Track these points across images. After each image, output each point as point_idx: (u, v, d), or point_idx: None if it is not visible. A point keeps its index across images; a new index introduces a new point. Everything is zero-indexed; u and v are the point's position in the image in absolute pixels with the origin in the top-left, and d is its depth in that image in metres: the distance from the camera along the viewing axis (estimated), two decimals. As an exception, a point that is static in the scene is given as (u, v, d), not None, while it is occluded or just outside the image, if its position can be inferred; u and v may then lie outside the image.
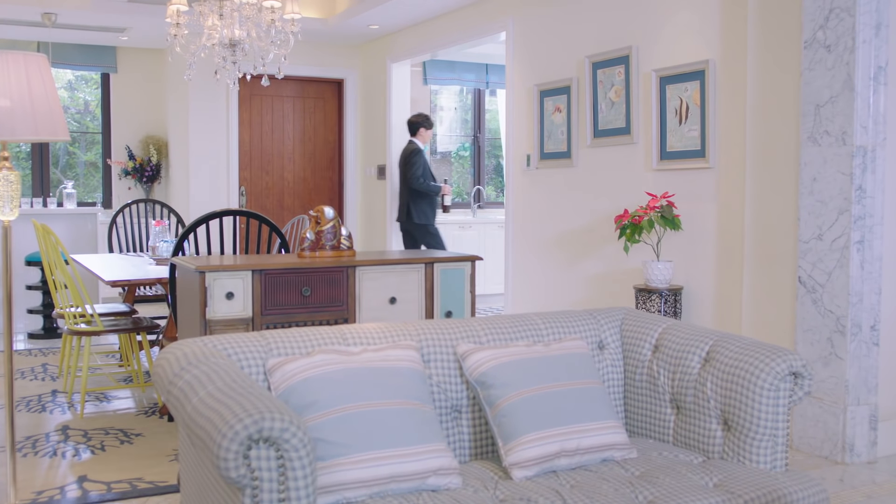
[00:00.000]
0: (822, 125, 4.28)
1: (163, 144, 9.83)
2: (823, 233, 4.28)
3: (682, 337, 2.87)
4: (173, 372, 2.21)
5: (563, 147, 6.51)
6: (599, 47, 6.10)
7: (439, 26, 8.18)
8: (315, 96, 9.79)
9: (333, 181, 9.89)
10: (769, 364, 2.58)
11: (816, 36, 4.28)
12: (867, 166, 4.17)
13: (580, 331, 2.96)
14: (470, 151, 11.05)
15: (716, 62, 5.16)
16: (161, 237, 5.83)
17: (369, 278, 3.45)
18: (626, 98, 5.87)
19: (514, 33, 7.09)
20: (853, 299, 4.20)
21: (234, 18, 5.80)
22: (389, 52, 9.14)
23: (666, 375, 2.85)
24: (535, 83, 6.79)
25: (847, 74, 4.16)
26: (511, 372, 2.62)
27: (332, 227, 3.56)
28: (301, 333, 2.56)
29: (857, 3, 4.11)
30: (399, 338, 2.66)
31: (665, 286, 5.25)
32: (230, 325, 3.20)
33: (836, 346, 4.24)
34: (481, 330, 2.80)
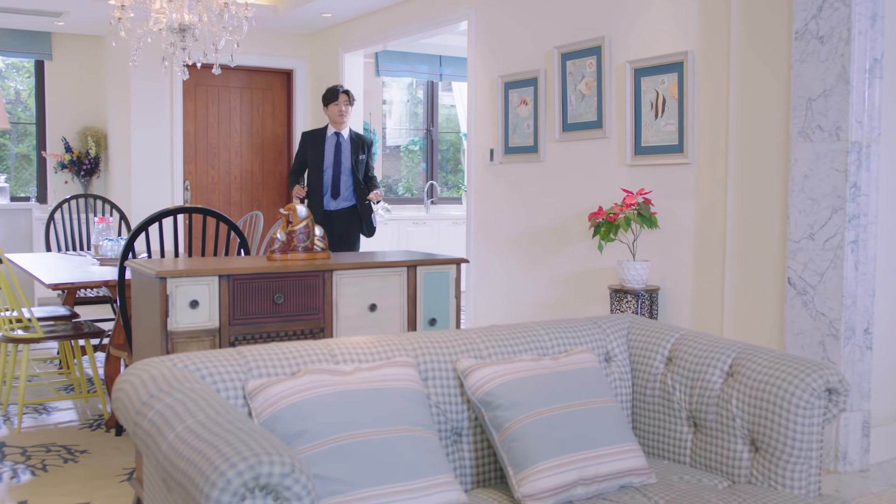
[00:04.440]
0: (814, 120, 4.08)
1: (102, 136, 9.35)
2: (815, 232, 4.09)
3: (699, 348, 2.62)
4: (140, 401, 1.89)
5: (530, 141, 6.25)
6: (569, 37, 5.85)
7: (396, 15, 7.87)
8: (263, 87, 9.40)
9: (282, 175, 9.51)
10: (803, 379, 2.34)
11: (808, 26, 4.08)
12: (862, 163, 3.98)
13: (586, 341, 2.70)
14: (420, 146, 10.76)
15: (695, 53, 4.94)
16: (104, 235, 5.43)
17: (347, 283, 3.14)
18: (597, 90, 5.63)
19: (476, 23, 6.81)
20: (847, 301, 4.01)
21: (183, 2, 5.42)
22: (342, 41, 8.80)
23: (682, 390, 2.60)
24: (500, 75, 6.52)
25: (842, 67, 3.96)
26: (519, 391, 2.34)
27: (305, 226, 3.24)
28: (284, 350, 2.26)
29: (853, -8, 3.91)
30: (394, 353, 2.36)
31: (641, 287, 5.03)
32: (194, 336, 2.86)
33: (829, 351, 4.05)
34: (482, 343, 2.52)
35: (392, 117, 10.74)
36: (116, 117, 9.02)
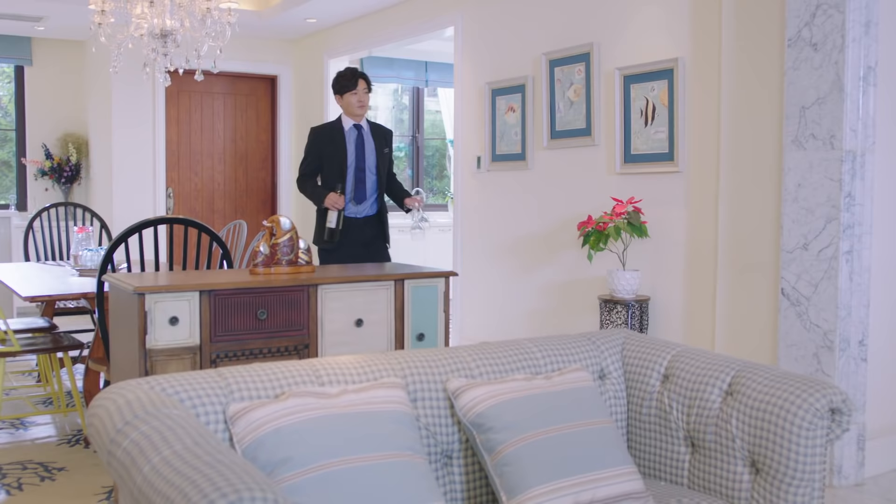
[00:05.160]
0: (807, 128, 4.01)
1: (83, 143, 9.22)
2: (809, 242, 4.02)
3: (696, 365, 2.53)
4: (115, 428, 1.79)
5: (518, 148, 6.17)
6: (557, 44, 5.78)
7: (382, 20, 7.78)
8: (247, 93, 9.29)
9: (266, 183, 9.40)
10: (806, 399, 2.26)
11: (802, 33, 4.02)
12: (856, 172, 3.92)
13: (579, 359, 2.62)
14: (406, 152, 10.67)
15: (685, 60, 4.87)
16: (84, 245, 5.31)
17: (333, 298, 3.05)
18: (586, 97, 5.56)
19: (463, 29, 6.73)
20: (841, 313, 3.94)
21: (165, 7, 5.31)
22: (327, 47, 8.70)
23: (679, 409, 2.51)
24: (487, 81, 6.44)
25: (836, 74, 3.90)
26: (512, 412, 2.25)
27: (289, 239, 3.14)
28: (267, 371, 2.16)
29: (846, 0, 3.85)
30: (382, 373, 2.27)
31: (631, 297, 4.95)
32: (174, 354, 2.76)
33: (824, 363, 3.98)
34: (472, 362, 2.43)
35: (378, 123, 10.65)
36: (98, 123, 8.89)
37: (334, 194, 5.10)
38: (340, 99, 5.31)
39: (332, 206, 5.10)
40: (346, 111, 5.33)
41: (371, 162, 5.32)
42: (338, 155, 5.26)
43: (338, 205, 5.09)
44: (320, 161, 5.33)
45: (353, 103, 5.27)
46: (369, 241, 5.33)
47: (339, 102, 5.35)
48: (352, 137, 5.30)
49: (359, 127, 5.33)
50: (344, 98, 5.29)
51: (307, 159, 5.40)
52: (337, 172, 5.25)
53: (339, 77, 5.32)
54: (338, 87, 5.31)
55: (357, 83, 5.25)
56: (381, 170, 5.35)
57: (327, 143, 5.32)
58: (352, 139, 5.30)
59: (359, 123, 5.33)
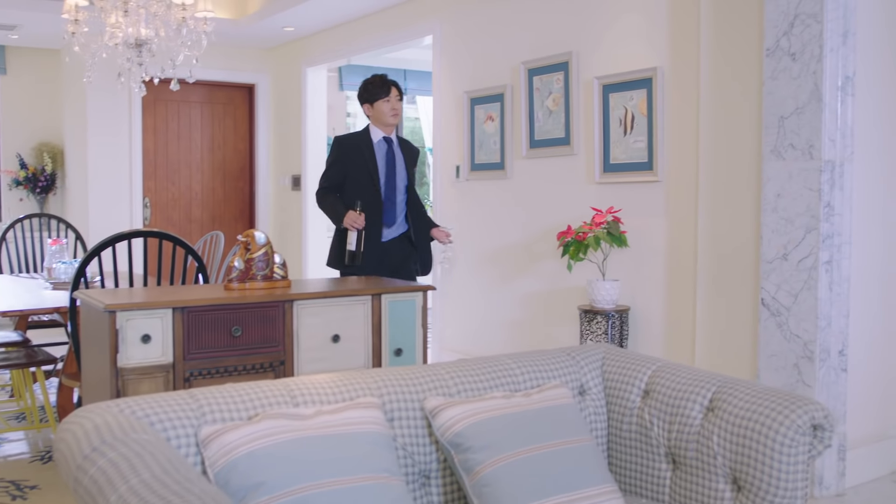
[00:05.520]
0: (786, 138, 4.00)
1: (58, 152, 9.12)
2: (789, 252, 4.01)
3: (677, 381, 2.51)
4: (82, 454, 1.74)
5: (496, 158, 6.15)
6: (536, 53, 5.76)
7: (359, 29, 7.74)
8: (225, 102, 9.23)
9: (245, 192, 9.34)
10: (788, 416, 2.23)
11: (780, 43, 4.01)
12: (835, 182, 3.91)
13: (559, 375, 2.58)
14: (386, 160, 10.62)
15: (664, 69, 4.86)
16: (58, 257, 5.24)
17: (309, 313, 3.00)
18: (565, 107, 5.54)
19: (441, 37, 6.70)
20: (821, 323, 3.93)
21: (140, 16, 5.26)
22: (305, 55, 8.65)
23: (660, 426, 2.48)
24: (465, 90, 6.41)
25: (814, 84, 3.89)
26: (490, 431, 2.21)
27: (264, 254, 3.09)
28: (240, 392, 2.11)
29: (823, 10, 3.85)
30: (358, 392, 2.22)
31: (611, 307, 4.93)
32: (147, 373, 2.71)
33: (804, 373, 3.97)
34: (451, 379, 2.39)
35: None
36: (73, 133, 8.80)
37: (353, 213, 4.58)
38: (370, 108, 4.84)
39: (351, 225, 4.57)
40: (378, 121, 4.84)
41: (402, 180, 4.87)
42: (365, 170, 4.77)
43: (357, 224, 4.56)
44: (344, 175, 4.81)
45: (385, 112, 4.80)
46: (398, 265, 4.80)
47: (367, 112, 4.87)
48: (381, 151, 4.84)
49: (389, 140, 4.87)
50: (375, 107, 4.82)
51: (330, 171, 4.87)
52: (361, 189, 4.75)
53: (367, 85, 4.86)
54: (367, 95, 4.85)
55: (389, 90, 4.82)
56: (411, 189, 4.92)
57: (354, 156, 4.81)
58: (381, 153, 4.83)
59: (389, 136, 4.87)
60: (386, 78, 4.86)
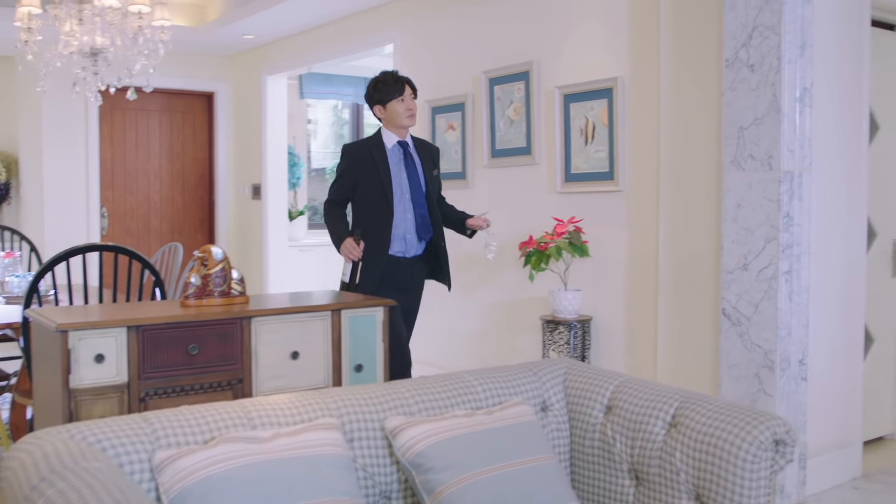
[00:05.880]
0: (746, 149, 4.02)
1: (12, 162, 8.95)
2: (749, 262, 4.02)
3: (640, 396, 2.49)
4: (30, 484, 1.68)
5: (458, 167, 6.13)
6: (497, 62, 5.75)
7: (320, 37, 7.69)
8: (183, 110, 9.12)
9: (204, 201, 9.23)
10: (750, 432, 2.22)
11: (739, 55, 4.03)
12: (794, 192, 3.93)
13: (521, 391, 2.56)
14: (348, 168, 10.55)
15: (625, 80, 4.87)
16: (11, 270, 5.13)
17: (267, 330, 2.95)
18: (526, 116, 5.53)
19: (402, 46, 6.67)
20: (782, 332, 3.95)
21: (95, 24, 5.18)
22: (265, 63, 8.58)
23: (623, 442, 2.46)
24: (426, 99, 6.38)
25: (773, 95, 3.91)
26: (452, 451, 2.18)
27: (222, 269, 3.04)
28: (195, 414, 2.06)
29: (781, 22, 3.87)
30: (316, 413, 2.18)
31: (574, 317, 4.93)
32: (100, 394, 2.64)
33: (765, 383, 3.98)
34: (411, 398, 2.35)
35: (317, 139, 10.53)
36: (28, 142, 8.64)
37: (351, 241, 4.11)
38: (382, 110, 4.34)
39: (346, 255, 4.14)
40: (391, 123, 4.34)
41: (422, 188, 4.38)
42: (376, 181, 4.25)
43: (353, 255, 4.11)
44: (353, 187, 4.31)
45: (400, 113, 4.31)
46: (411, 284, 4.40)
47: (379, 115, 4.37)
48: (396, 157, 4.33)
49: (404, 144, 4.37)
50: (388, 108, 4.32)
51: (338, 183, 4.36)
52: (373, 202, 4.27)
53: (377, 84, 4.35)
54: (378, 95, 4.34)
55: (403, 88, 4.34)
56: (433, 196, 4.41)
57: (364, 165, 4.29)
58: (397, 159, 4.33)
59: (404, 140, 4.37)
60: (398, 74, 4.40)
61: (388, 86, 4.33)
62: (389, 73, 4.39)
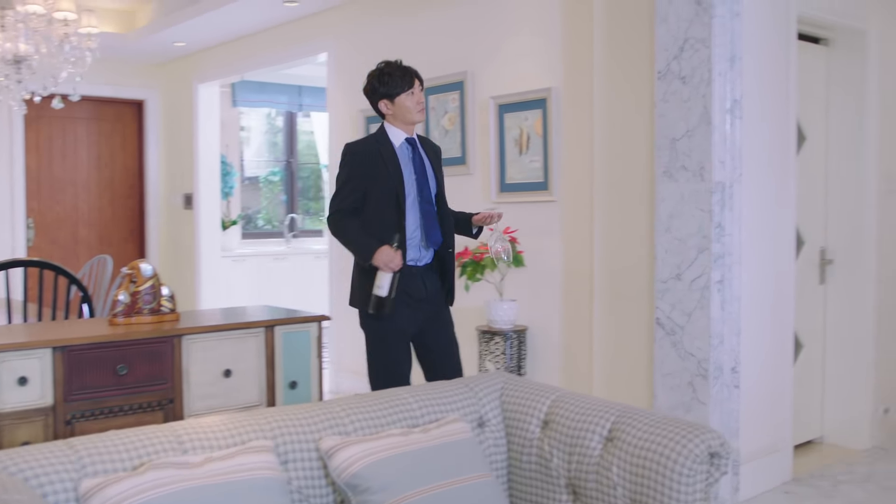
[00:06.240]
0: (678, 160, 4.06)
1: (-67, 171, 8.69)
2: (682, 272, 4.06)
3: (576, 411, 2.49)
4: (-53, 519, 1.61)
5: (393, 177, 6.09)
6: (431, 72, 5.72)
7: (253, 45, 7.60)
8: (113, 119, 8.94)
9: (134, 211, 9.05)
10: (686, 445, 2.24)
11: (671, 67, 4.07)
12: (725, 203, 3.99)
13: (457, 407, 2.54)
14: (281, 176, 10.46)
15: (559, 90, 4.89)
16: (-69, 285, 4.96)
17: (199, 348, 2.89)
18: (460, 126, 5.53)
19: (336, 55, 6.63)
20: (714, 341, 3.99)
21: (18, 31, 5.04)
22: (197, 71, 8.45)
23: (560, 457, 2.46)
24: (361, 108, 6.35)
25: (704, 107, 3.96)
26: (388, 471, 2.15)
27: (151, 286, 2.97)
28: (123, 439, 2.00)
29: (711, 35, 3.92)
30: (249, 435, 2.14)
31: (510, 327, 4.94)
32: (24, 417, 2.55)
33: (698, 391, 4.02)
34: (347, 417, 2.32)
35: (251, 147, 10.41)
36: (-51, 151, 8.39)
37: (389, 249, 3.59)
38: (389, 105, 3.85)
39: (384, 266, 3.59)
40: (400, 119, 3.86)
41: (433, 189, 3.91)
42: (391, 183, 3.75)
43: (393, 265, 3.58)
44: (363, 193, 3.78)
45: (411, 107, 3.84)
46: (430, 296, 3.85)
47: (385, 110, 3.87)
48: (406, 157, 3.85)
49: (412, 142, 3.90)
50: (396, 102, 3.83)
51: (345, 190, 3.79)
52: (385, 208, 3.76)
53: (382, 77, 3.85)
54: (384, 89, 3.84)
55: (413, 80, 3.87)
56: (444, 199, 3.96)
57: (374, 166, 3.79)
58: (406, 159, 3.85)
59: (412, 137, 3.91)
60: (403, 65, 3.94)
61: (396, 78, 3.84)
62: (395, 65, 3.91)
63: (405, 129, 3.88)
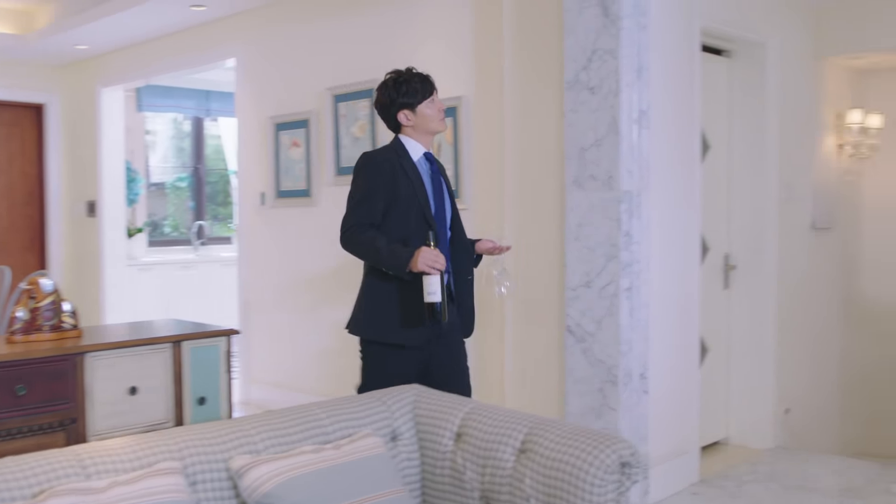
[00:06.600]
0: (587, 169, 4.11)
1: None
2: (592, 280, 4.12)
3: (489, 423, 2.50)
4: None
5: (303, 185, 6.04)
6: (342, 79, 5.70)
7: (160, 49, 7.43)
8: (10, 123, 8.63)
9: (34, 220, 8.76)
10: (597, 456, 2.26)
11: (579, 77, 4.12)
12: (633, 211, 4.05)
13: (370, 421, 2.52)
14: (188, 182, 10.26)
15: (470, 99, 4.91)
16: None
17: (103, 366, 2.80)
18: (371, 134, 5.50)
19: (245, 61, 6.53)
20: (623, 348, 4.06)
21: None
22: (100, 75, 8.22)
23: (473, 469, 2.46)
24: (270, 115, 6.27)
25: (612, 117, 4.02)
26: (300, 490, 2.12)
27: (52, 302, 2.87)
28: (21, 465, 1.92)
29: (619, 46, 3.98)
30: (156, 457, 2.08)
31: (422, 335, 4.91)
32: (-85, 442, 2.44)
33: (608, 397, 4.08)
34: (257, 435, 2.28)
35: (156, 153, 10.19)
36: None
37: (428, 249, 3.24)
38: (411, 115, 3.52)
39: (430, 268, 3.22)
40: (422, 129, 3.54)
41: (450, 209, 3.63)
42: (414, 200, 3.42)
43: (438, 265, 3.23)
44: (386, 209, 3.43)
45: (433, 116, 3.53)
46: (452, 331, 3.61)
47: (407, 121, 3.54)
48: (426, 172, 3.54)
49: (430, 158, 3.59)
50: (417, 112, 3.51)
51: (366, 204, 3.44)
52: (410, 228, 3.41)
53: (399, 85, 3.52)
54: (404, 99, 3.51)
55: (432, 87, 3.56)
56: (458, 220, 3.68)
57: (398, 180, 3.44)
58: (426, 175, 3.54)
59: (430, 152, 3.60)
60: (418, 71, 3.62)
61: (416, 85, 3.51)
62: (410, 72, 3.59)
63: (424, 140, 3.57)
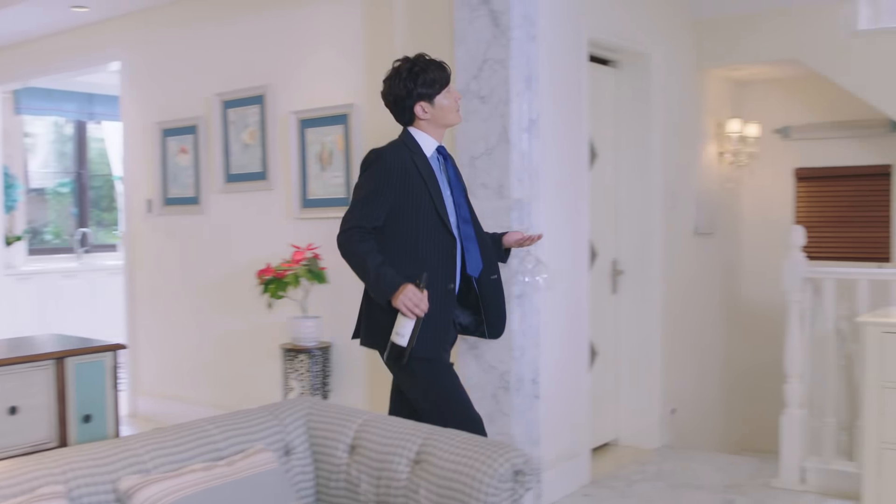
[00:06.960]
0: (478, 177, 4.15)
1: None
2: (484, 287, 4.15)
3: (383, 434, 2.50)
4: None
5: (191, 192, 5.92)
6: (231, 85, 5.61)
7: (40, 50, 7.17)
8: None
9: None
10: (490, 465, 2.28)
11: (470, 86, 4.16)
12: (524, 219, 4.10)
13: (263, 436, 2.49)
14: (71, 188, 9.93)
15: (361, 106, 4.90)
16: None
17: (-21, 385, 2.69)
18: (261, 141, 5.44)
19: (130, 64, 6.36)
20: (516, 354, 4.10)
21: None
22: (-27, 77, 7.89)
23: (368, 482, 2.46)
24: (156, 121, 6.13)
25: (503, 126, 4.07)
26: (191, 509, 2.08)
27: (-76, 319, 2.73)
28: None
29: (509, 56, 4.03)
30: (38, 480, 2.00)
31: (314, 344, 4.90)
32: None
33: (501, 403, 4.12)
34: (146, 454, 2.22)
35: (36, 157, 9.81)
36: None
37: (414, 289, 3.02)
38: (429, 108, 3.27)
39: (410, 309, 3.02)
40: (437, 122, 3.30)
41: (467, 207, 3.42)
42: (426, 199, 3.20)
43: (419, 310, 3.02)
44: (389, 211, 3.19)
45: (450, 108, 3.30)
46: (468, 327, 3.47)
47: (423, 114, 3.29)
48: (438, 168, 3.32)
49: (443, 151, 3.36)
50: (435, 104, 3.26)
51: (373, 202, 3.17)
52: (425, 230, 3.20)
53: (416, 75, 3.25)
54: (422, 89, 3.25)
55: (449, 76, 3.31)
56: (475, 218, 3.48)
57: (409, 178, 3.19)
58: (439, 171, 3.32)
59: (442, 145, 3.35)
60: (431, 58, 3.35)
61: (432, 73, 3.25)
62: (424, 59, 3.32)
63: (437, 134, 3.32)
